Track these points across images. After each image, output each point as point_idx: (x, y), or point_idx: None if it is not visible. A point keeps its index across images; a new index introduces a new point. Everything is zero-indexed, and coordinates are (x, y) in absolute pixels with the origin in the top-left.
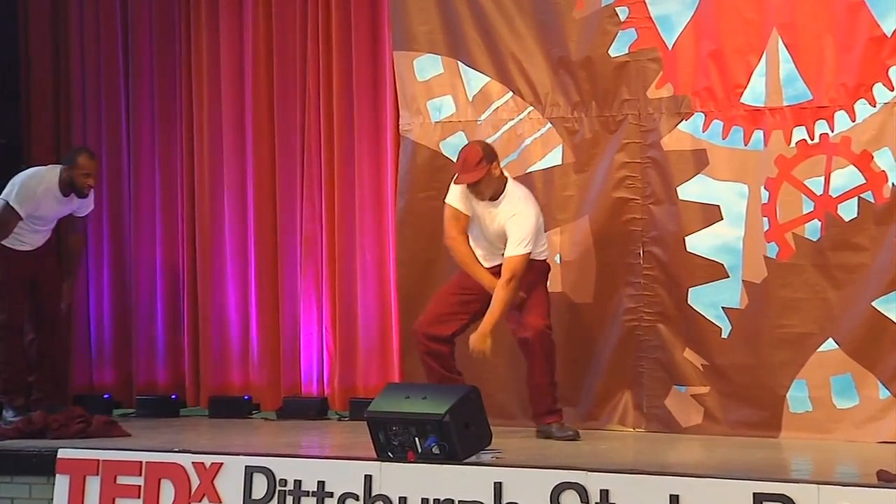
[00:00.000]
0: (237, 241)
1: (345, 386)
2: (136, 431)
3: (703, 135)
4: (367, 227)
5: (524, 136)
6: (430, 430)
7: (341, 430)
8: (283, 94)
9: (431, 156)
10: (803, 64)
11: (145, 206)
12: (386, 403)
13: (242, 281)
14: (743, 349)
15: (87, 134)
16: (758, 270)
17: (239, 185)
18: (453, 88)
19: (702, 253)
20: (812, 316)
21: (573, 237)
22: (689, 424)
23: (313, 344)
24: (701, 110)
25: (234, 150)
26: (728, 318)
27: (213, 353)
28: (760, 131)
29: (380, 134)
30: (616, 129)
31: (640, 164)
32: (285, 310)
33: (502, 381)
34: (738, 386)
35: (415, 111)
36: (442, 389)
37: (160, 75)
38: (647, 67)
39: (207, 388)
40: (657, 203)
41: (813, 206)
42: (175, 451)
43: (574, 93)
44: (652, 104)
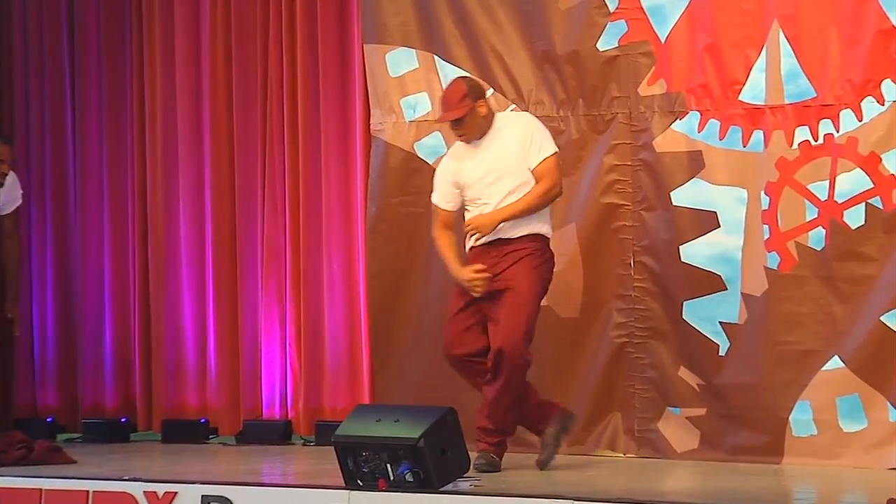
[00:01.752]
0: (193, 250)
1: (310, 408)
2: (83, 458)
3: (699, 135)
4: (334, 235)
5: None
6: (404, 455)
7: (306, 455)
8: (243, 90)
9: (405, 158)
10: (806, 59)
11: (92, 211)
12: (355, 427)
13: (199, 293)
14: (742, 368)
15: (29, 132)
16: (758, 282)
17: (195, 188)
18: (429, 85)
19: (697, 263)
20: (816, 331)
21: (558, 246)
22: (684, 449)
23: (276, 362)
24: (696, 109)
25: (190, 150)
26: (726, 333)
27: (167, 372)
28: (760, 131)
29: (349, 134)
30: (605, 130)
31: (631, 167)
32: (245, 324)
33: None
34: (737, 408)
35: (387, 109)
36: (416, 411)
37: (109, 69)
38: (639, 62)
39: (160, 410)
40: (649, 209)
41: (817, 213)
42: (125, 480)
43: (559, 90)
44: (644, 102)
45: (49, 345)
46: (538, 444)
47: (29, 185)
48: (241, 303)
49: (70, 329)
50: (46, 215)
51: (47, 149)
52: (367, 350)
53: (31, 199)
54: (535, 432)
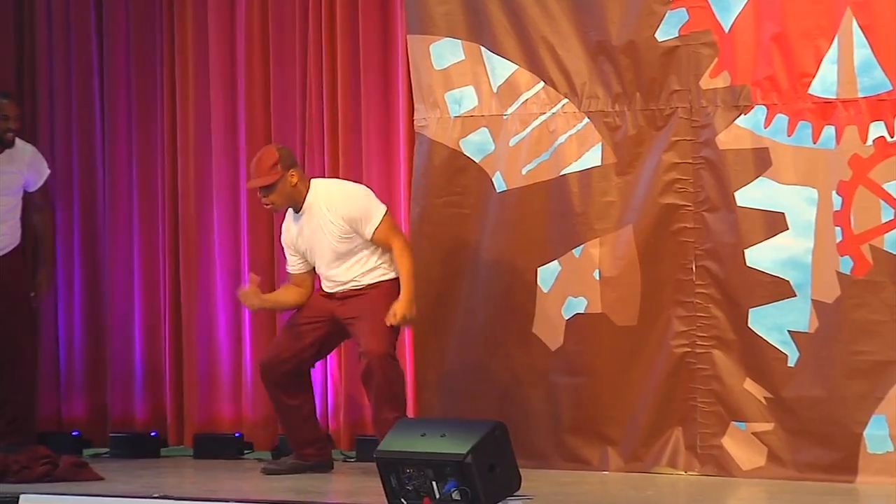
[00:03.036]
0: (227, 254)
1: (351, 421)
2: (110, 474)
3: (765, 131)
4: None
5: (557, 132)
6: (450, 472)
7: (347, 472)
8: (280, 84)
9: (450, 156)
10: (881, 49)
11: (122, 213)
12: (398, 442)
13: (234, 299)
14: (813, 379)
15: (54, 131)
16: (829, 288)
17: (229, 189)
18: (475, 78)
19: (764, 268)
20: (893, 341)
21: (615, 250)
22: (750, 467)
23: (315, 374)
24: (762, 103)
25: (224, 149)
26: (795, 343)
27: (200, 383)
28: (832, 127)
29: (391, 131)
30: (664, 125)
31: (692, 166)
32: None
33: (533, 415)
34: (808, 422)
35: (431, 104)
36: (463, 425)
37: (139, 63)
38: (700, 53)
39: (192, 423)
40: (712, 210)
41: (893, 214)
42: (155, 498)
43: (615, 83)
44: (706, 96)
45: (75, 354)
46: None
47: (55, 186)
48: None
49: (98, 337)
50: (73, 218)
51: (74, 148)
52: (410, 360)
53: (57, 202)
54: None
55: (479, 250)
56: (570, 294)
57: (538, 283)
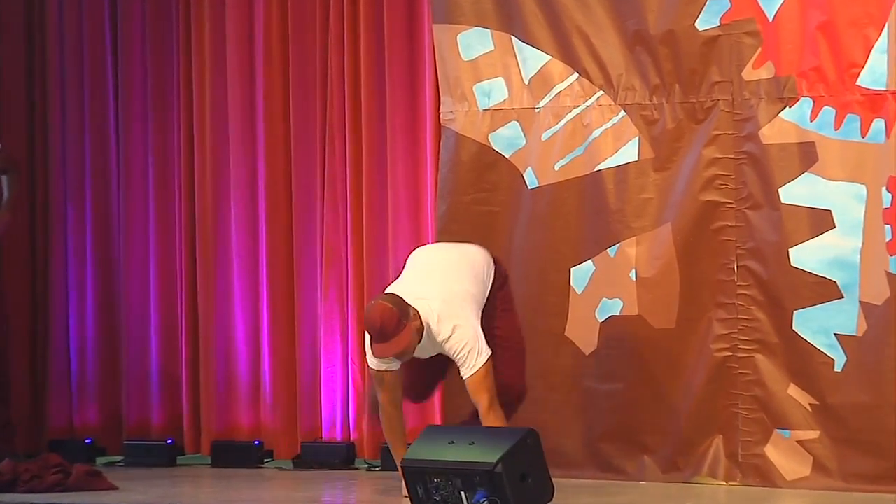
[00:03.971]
0: (246, 254)
1: (375, 429)
2: (125, 483)
3: (811, 125)
4: (401, 237)
5: (592, 126)
6: (479, 482)
7: (371, 482)
8: (301, 76)
9: (479, 150)
10: None
11: (136, 212)
12: (425, 450)
13: (252, 301)
14: (861, 385)
15: (66, 122)
16: (879, 289)
17: (248, 186)
18: (506, 69)
19: (809, 268)
20: None
21: (652, 249)
22: (794, 477)
23: (337, 377)
24: (808, 95)
25: (242, 143)
26: (842, 347)
27: (217, 389)
28: (881, 120)
29: (416, 125)
30: (704, 118)
31: (734, 161)
32: (303, 336)
33: (566, 423)
34: (855, 430)
35: (459, 97)
36: (494, 433)
37: (154, 55)
38: (743, 43)
39: (210, 431)
40: (755, 208)
41: None
42: None
43: (653, 74)
44: (748, 88)
45: (88, 358)
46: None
47: (66, 184)
48: (299, 312)
49: (111, 342)
50: (86, 217)
51: (87, 144)
52: None
53: (68, 200)
54: None
55: (510, 250)
56: (604, 295)
57: (571, 284)
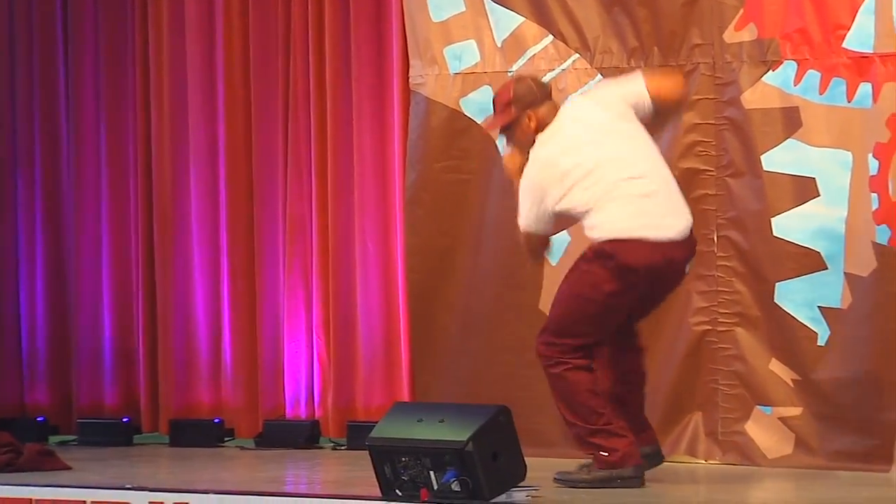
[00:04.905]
0: (205, 225)
1: (341, 406)
2: (79, 463)
3: (795, 89)
4: (368, 207)
5: (568, 90)
6: (449, 461)
7: (336, 461)
8: (262, 39)
9: (449, 116)
10: None
11: (89, 180)
12: (393, 428)
13: (212, 274)
14: (845, 360)
15: (15, 88)
16: (864, 260)
17: (207, 153)
18: (477, 31)
19: (793, 238)
20: None
21: None
22: (776, 455)
23: (301, 353)
24: (792, 58)
25: (202, 108)
26: (826, 320)
27: (175, 365)
28: (868, 84)
29: (384, 89)
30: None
31: (715, 127)
32: (266, 310)
33: (539, 399)
34: (839, 407)
35: (429, 60)
36: (464, 410)
37: (108, 13)
38: (724, 4)
39: (168, 408)
40: (736, 175)
41: None
42: (127, 488)
43: (631, 36)
44: (730, 50)
45: (39, 334)
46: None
47: (14, 151)
48: (261, 285)
49: (63, 316)
50: (35, 185)
51: (35, 108)
52: (407, 340)
53: (18, 168)
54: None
55: (482, 220)
56: None
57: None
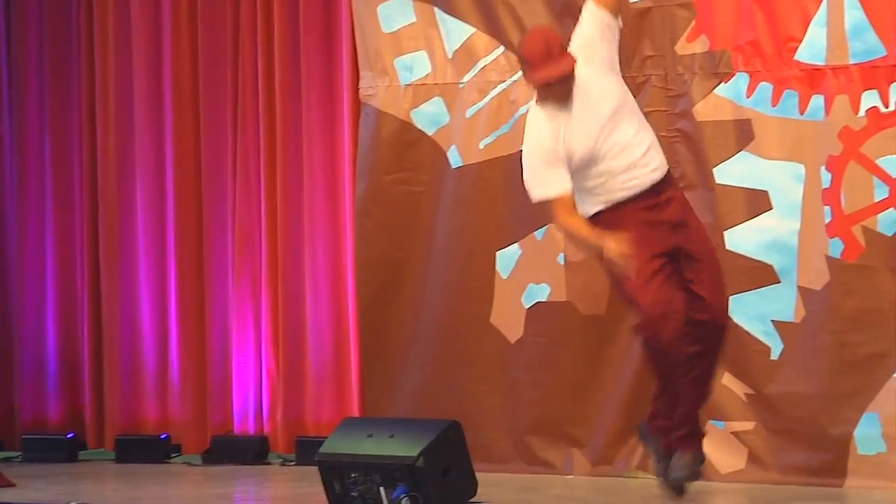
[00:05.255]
0: (152, 236)
1: (290, 421)
2: (23, 480)
3: (748, 101)
4: (317, 219)
5: (519, 102)
6: (399, 477)
7: (285, 477)
8: (211, 49)
9: (400, 127)
10: (875, 10)
11: (32, 191)
12: (342, 444)
13: (159, 286)
14: (798, 374)
15: None
16: (817, 274)
17: (154, 164)
18: (428, 42)
19: (745, 252)
20: (886, 331)
21: None
22: (728, 470)
23: (249, 368)
24: (744, 70)
25: (148, 119)
26: (779, 334)
27: (121, 379)
28: (820, 97)
29: (334, 100)
30: (636, 95)
31: (667, 139)
32: (214, 324)
33: (491, 414)
34: (793, 421)
35: (379, 71)
36: (414, 425)
37: (52, 21)
38: (676, 15)
39: (114, 424)
40: (689, 188)
41: (888, 192)
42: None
43: None
44: (682, 62)
45: None
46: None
47: None
48: (209, 298)
49: (6, 329)
50: None
51: None
52: (357, 354)
53: None
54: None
55: (432, 232)
56: (531, 280)
57: (497, 268)
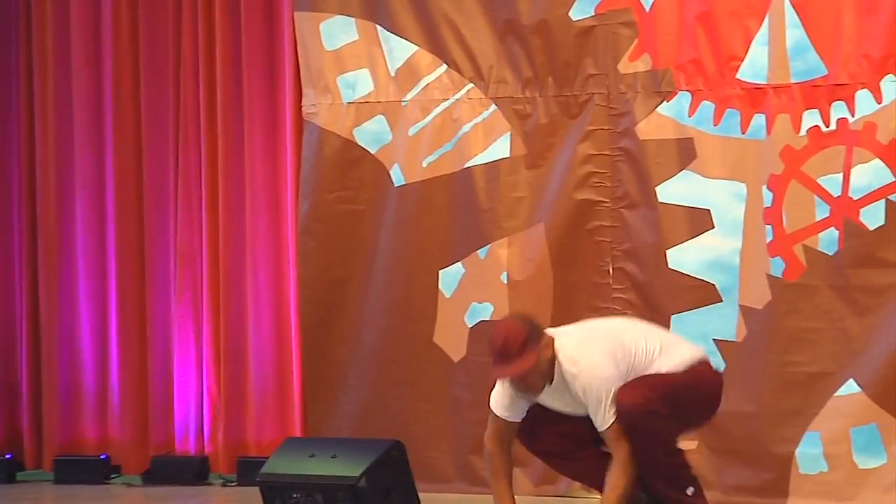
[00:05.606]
0: (92, 255)
1: (231, 441)
2: None
3: (690, 120)
4: (260, 238)
5: (462, 121)
6: (342, 497)
7: (226, 498)
8: (152, 65)
9: (343, 146)
10: (816, 30)
11: None
12: (284, 464)
13: (99, 305)
14: (740, 393)
15: None
16: (759, 293)
17: (95, 182)
18: (371, 60)
19: (688, 271)
20: (828, 350)
21: (524, 250)
22: None
23: (191, 387)
24: (687, 89)
25: (89, 136)
26: (721, 353)
27: (60, 399)
28: (762, 116)
29: (276, 118)
30: (579, 113)
31: (610, 158)
32: (155, 343)
33: (434, 434)
34: (735, 440)
35: (322, 89)
36: (356, 446)
37: None
38: (619, 34)
39: (52, 445)
40: (631, 207)
41: (829, 211)
42: None
43: (525, 66)
44: (624, 81)
45: None
46: None
47: None
48: (150, 316)
49: None
50: None
51: None
52: (299, 373)
53: None
54: None
55: (375, 251)
56: (474, 299)
57: (440, 288)
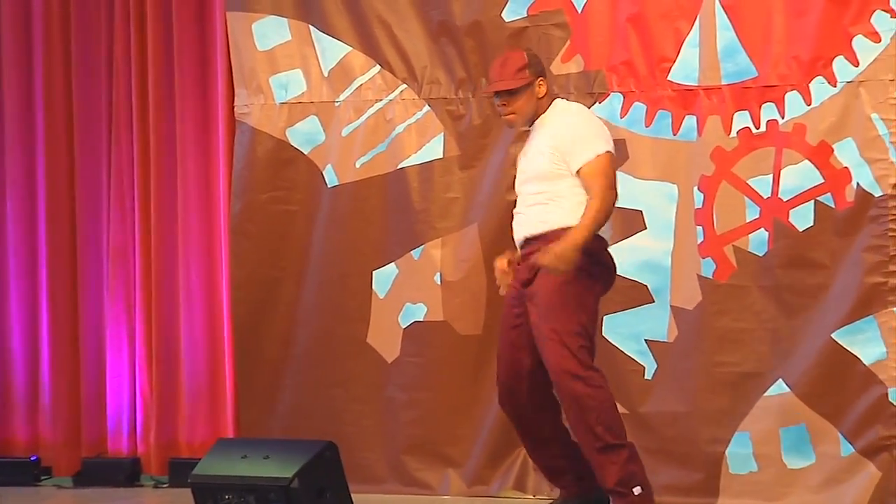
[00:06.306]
0: (22, 255)
1: (163, 442)
2: None
3: (621, 121)
4: (192, 238)
5: (395, 121)
6: (274, 498)
7: (158, 499)
8: (83, 64)
9: (275, 146)
10: (746, 32)
11: None
12: (216, 465)
13: (29, 304)
14: (671, 394)
15: None
16: (690, 293)
17: (25, 180)
18: (304, 60)
19: (620, 272)
20: (757, 351)
21: (458, 251)
22: None
23: (123, 387)
24: (618, 90)
25: (19, 135)
26: (653, 354)
27: None
28: (693, 117)
29: (208, 118)
30: None
31: None
32: (86, 342)
33: (367, 434)
34: (666, 440)
35: (254, 89)
36: (290, 446)
37: None
38: (551, 35)
39: None
40: None
41: (758, 213)
42: None
43: (458, 67)
44: (557, 82)
45: None
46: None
47: None
48: (82, 317)
49: None
50: None
51: None
52: (231, 374)
53: None
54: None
55: (308, 251)
56: (408, 300)
57: (373, 288)
